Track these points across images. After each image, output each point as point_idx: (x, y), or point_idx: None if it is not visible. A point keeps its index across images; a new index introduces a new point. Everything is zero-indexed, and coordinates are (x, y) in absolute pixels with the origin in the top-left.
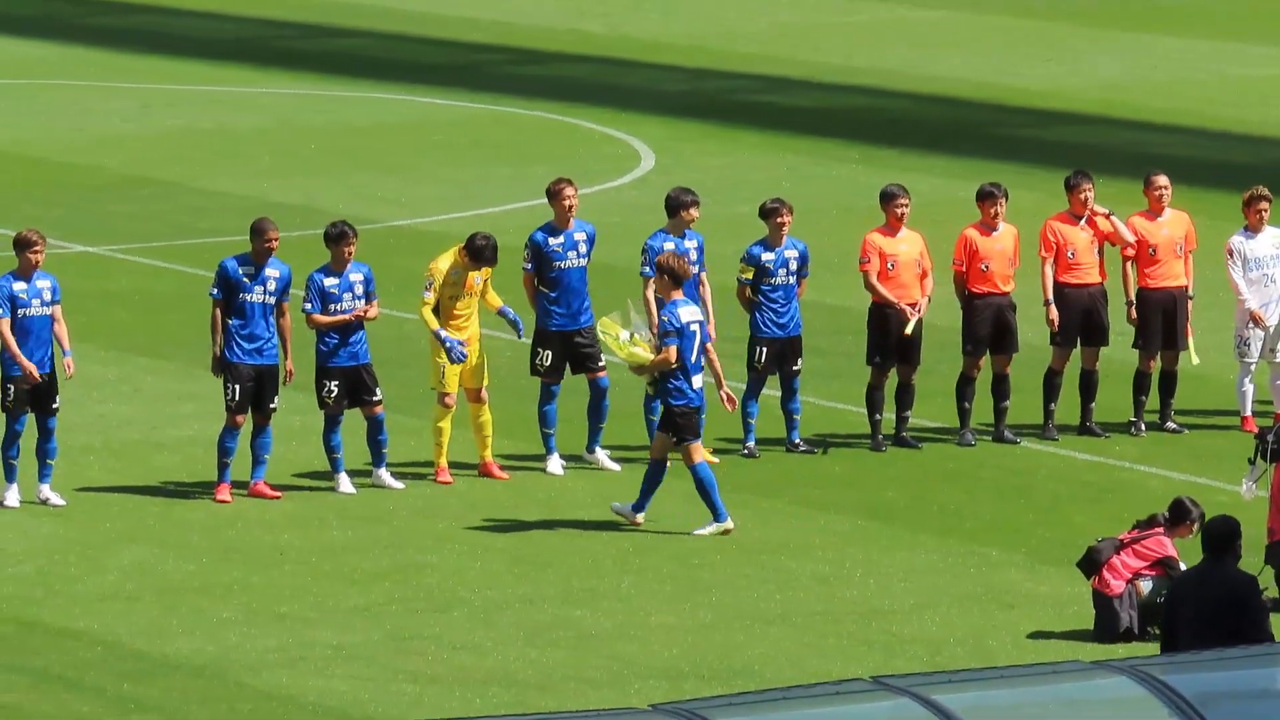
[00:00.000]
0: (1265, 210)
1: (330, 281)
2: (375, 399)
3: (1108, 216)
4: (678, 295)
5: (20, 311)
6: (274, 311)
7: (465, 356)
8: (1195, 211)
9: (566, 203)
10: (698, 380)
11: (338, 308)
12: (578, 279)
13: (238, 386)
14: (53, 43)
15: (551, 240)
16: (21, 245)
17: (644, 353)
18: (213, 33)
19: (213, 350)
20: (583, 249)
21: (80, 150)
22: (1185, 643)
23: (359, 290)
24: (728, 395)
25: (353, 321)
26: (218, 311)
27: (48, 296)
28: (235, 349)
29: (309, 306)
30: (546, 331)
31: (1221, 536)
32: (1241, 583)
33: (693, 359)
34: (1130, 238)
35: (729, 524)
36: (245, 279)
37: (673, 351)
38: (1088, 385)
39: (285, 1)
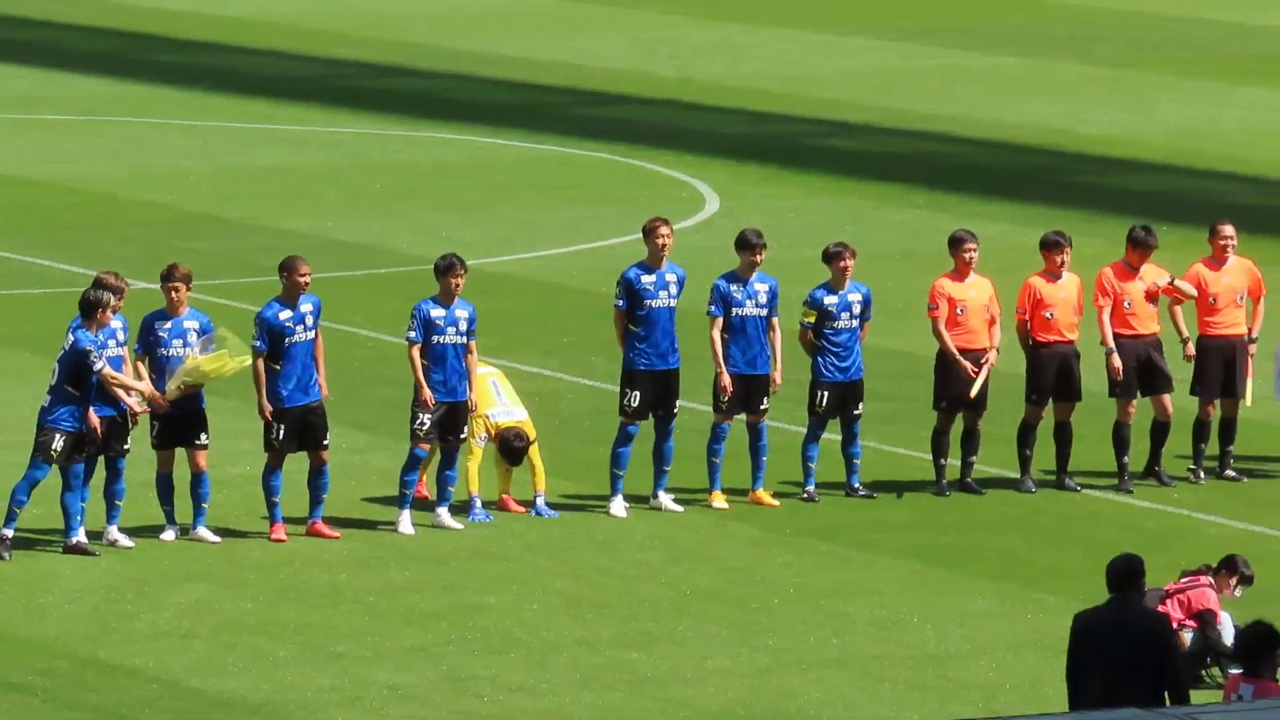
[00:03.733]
0: None
1: (436, 313)
2: (461, 436)
3: (1171, 289)
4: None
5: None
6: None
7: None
8: (1265, 261)
9: (661, 242)
10: None
11: (440, 340)
12: (667, 319)
13: (284, 426)
14: (115, 79)
15: (644, 278)
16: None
17: (222, 359)
18: (275, 70)
19: (257, 395)
20: (673, 290)
21: (145, 187)
22: (1096, 681)
23: (463, 327)
24: None
25: (456, 359)
26: (260, 363)
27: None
28: (282, 389)
29: (413, 335)
30: (634, 371)
31: (1125, 574)
32: (1159, 618)
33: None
34: (1192, 292)
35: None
36: (287, 323)
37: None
38: (1161, 433)
39: (349, 41)
